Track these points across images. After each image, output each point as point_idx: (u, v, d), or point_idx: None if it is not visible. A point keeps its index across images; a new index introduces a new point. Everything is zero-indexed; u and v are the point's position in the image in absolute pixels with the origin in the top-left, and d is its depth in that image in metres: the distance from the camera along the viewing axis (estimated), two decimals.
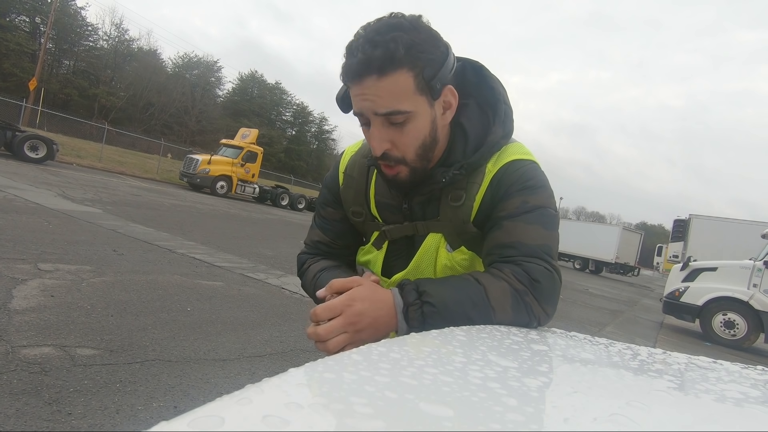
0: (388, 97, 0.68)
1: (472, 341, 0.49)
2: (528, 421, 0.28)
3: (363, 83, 0.68)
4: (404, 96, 0.68)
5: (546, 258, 0.71)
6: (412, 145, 0.72)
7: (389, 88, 0.67)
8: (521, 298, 0.66)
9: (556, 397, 0.36)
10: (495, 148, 0.77)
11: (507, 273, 0.68)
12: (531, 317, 0.67)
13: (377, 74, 0.66)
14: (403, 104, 0.68)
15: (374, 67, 0.66)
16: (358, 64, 0.67)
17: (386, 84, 0.67)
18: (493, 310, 0.65)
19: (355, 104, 0.71)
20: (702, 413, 0.37)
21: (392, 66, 0.66)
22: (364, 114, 0.71)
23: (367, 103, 0.69)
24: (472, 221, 0.77)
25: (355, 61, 0.67)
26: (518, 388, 0.34)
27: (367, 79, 0.67)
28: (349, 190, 0.89)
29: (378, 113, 0.69)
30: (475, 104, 0.80)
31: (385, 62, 0.66)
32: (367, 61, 0.66)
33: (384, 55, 0.65)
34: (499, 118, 0.78)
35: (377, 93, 0.67)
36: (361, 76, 0.67)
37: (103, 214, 6.68)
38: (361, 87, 0.68)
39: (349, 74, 0.69)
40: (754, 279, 6.76)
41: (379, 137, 0.70)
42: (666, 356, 0.55)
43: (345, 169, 0.90)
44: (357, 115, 0.72)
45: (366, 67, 0.66)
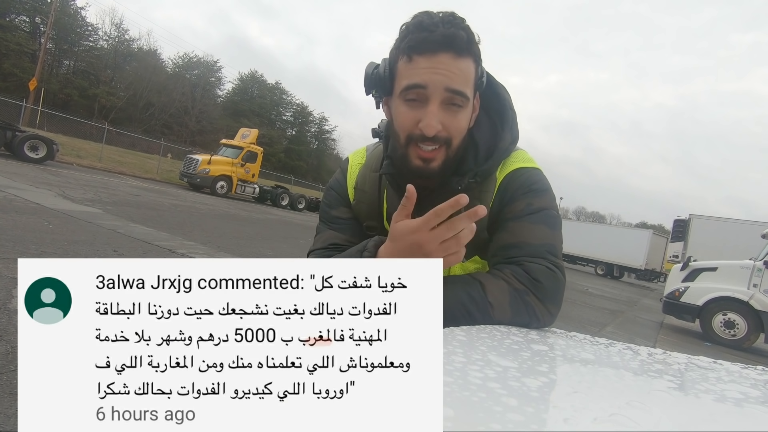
0: (461, 77, 0.68)
1: (472, 341, 0.49)
2: (528, 421, 0.28)
3: (438, 57, 0.67)
4: (469, 83, 0.70)
5: (549, 257, 0.71)
6: (460, 132, 0.71)
7: (463, 69, 0.68)
8: (521, 298, 0.66)
9: (556, 397, 0.36)
10: (505, 154, 0.78)
11: (506, 273, 0.69)
12: (532, 317, 0.67)
13: (455, 53, 0.67)
14: (467, 90, 0.69)
15: (455, 45, 0.67)
16: (439, 38, 0.67)
17: (461, 65, 0.68)
18: (491, 306, 0.64)
19: (420, 77, 0.68)
20: (702, 413, 0.37)
21: (468, 51, 0.68)
22: (428, 88, 0.68)
23: (440, 77, 0.67)
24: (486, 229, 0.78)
25: (432, 36, 0.67)
26: (518, 388, 0.34)
27: (443, 54, 0.67)
28: (362, 204, 0.87)
29: (449, 89, 0.68)
30: (483, 113, 0.80)
31: (464, 44, 0.68)
32: (450, 37, 0.67)
33: (465, 38, 0.68)
34: (507, 124, 0.79)
35: (452, 70, 0.67)
36: (436, 51, 0.67)
37: (103, 214, 6.68)
38: (435, 61, 0.67)
39: (422, 46, 0.68)
40: (754, 279, 6.76)
41: (437, 116, 0.69)
42: (666, 356, 0.55)
43: (356, 184, 0.88)
44: (413, 88, 0.69)
45: (448, 43, 0.67)
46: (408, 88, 0.69)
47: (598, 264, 22.84)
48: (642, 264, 20.91)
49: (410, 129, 0.70)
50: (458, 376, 0.35)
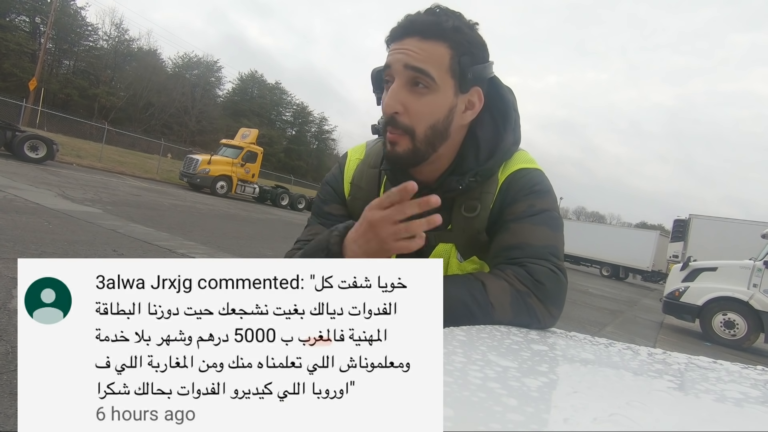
0: (424, 57, 0.68)
1: (472, 341, 0.49)
2: (528, 421, 0.28)
3: (403, 41, 0.69)
4: (437, 66, 0.69)
5: (551, 259, 0.71)
6: (424, 119, 0.70)
7: (428, 50, 0.68)
8: (522, 300, 0.66)
9: (556, 397, 0.36)
10: (507, 155, 0.78)
11: (508, 274, 0.68)
12: (533, 318, 0.66)
13: (420, 36, 0.68)
14: (432, 71, 0.69)
15: (418, 29, 0.68)
16: (404, 24, 0.69)
17: (426, 46, 0.68)
18: (491, 306, 0.64)
19: (387, 59, 0.71)
20: (702, 413, 0.37)
21: (435, 34, 0.68)
22: (392, 67, 0.70)
23: (400, 55, 0.69)
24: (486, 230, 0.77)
25: (402, 22, 0.70)
26: (518, 388, 0.34)
27: (408, 38, 0.69)
28: (357, 201, 0.86)
29: (408, 65, 0.68)
30: (487, 113, 0.80)
31: (429, 27, 0.68)
32: (414, 22, 0.69)
33: (431, 21, 0.68)
34: (510, 125, 0.79)
35: (414, 49, 0.68)
36: (403, 36, 0.69)
37: (103, 214, 6.68)
38: (401, 44, 0.69)
39: (393, 34, 0.70)
40: (754, 279, 6.76)
41: (396, 96, 0.69)
42: (666, 356, 0.55)
43: (352, 180, 0.87)
44: (384, 71, 0.72)
45: (411, 27, 0.69)
46: (382, 71, 0.72)
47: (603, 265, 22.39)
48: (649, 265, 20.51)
49: (383, 113, 0.72)
50: (458, 376, 0.35)
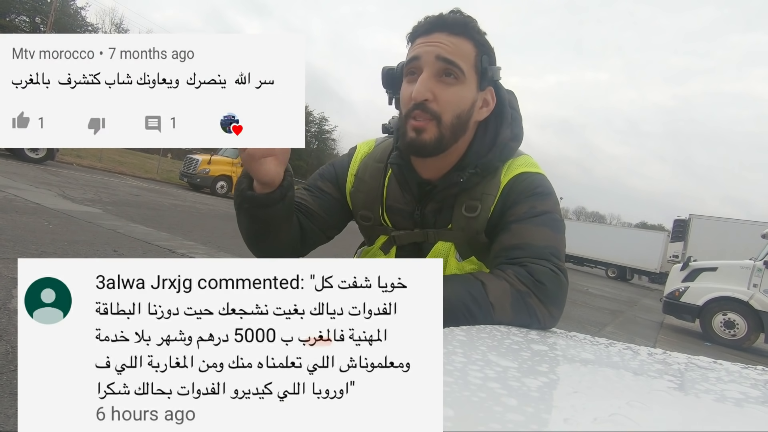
0: (454, 50, 0.72)
1: (472, 341, 0.49)
2: (528, 421, 0.28)
3: (432, 35, 0.72)
4: (465, 59, 0.73)
5: (552, 259, 0.71)
6: (451, 107, 0.73)
7: (457, 44, 0.72)
8: (523, 300, 0.66)
9: (556, 397, 0.36)
10: (506, 150, 0.79)
11: (509, 274, 0.68)
12: (533, 319, 0.66)
13: (449, 31, 0.72)
14: (462, 63, 0.72)
15: (448, 25, 0.72)
16: (433, 20, 0.73)
17: (455, 41, 0.72)
18: (492, 306, 0.64)
19: (415, 51, 0.73)
20: (702, 413, 0.37)
21: (463, 31, 0.73)
22: (421, 58, 0.72)
23: (431, 48, 0.71)
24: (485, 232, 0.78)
25: (429, 19, 0.73)
26: (518, 388, 0.34)
27: (437, 33, 0.72)
28: (359, 193, 0.87)
29: (440, 56, 0.71)
30: (491, 114, 0.81)
31: (458, 24, 0.72)
32: (443, 18, 0.73)
33: (459, 19, 0.73)
34: (506, 120, 0.80)
35: (444, 42, 0.72)
36: (431, 30, 0.73)
37: (103, 214, 6.68)
38: (429, 38, 0.72)
39: (419, 29, 0.74)
40: (754, 279, 6.76)
41: (427, 84, 0.72)
42: (666, 356, 0.55)
43: (357, 172, 0.88)
44: (410, 63, 0.74)
45: (440, 23, 0.73)
46: (407, 64, 0.75)
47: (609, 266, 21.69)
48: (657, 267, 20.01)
49: (407, 103, 0.74)
50: (458, 376, 0.35)
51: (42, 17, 32.74)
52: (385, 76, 0.81)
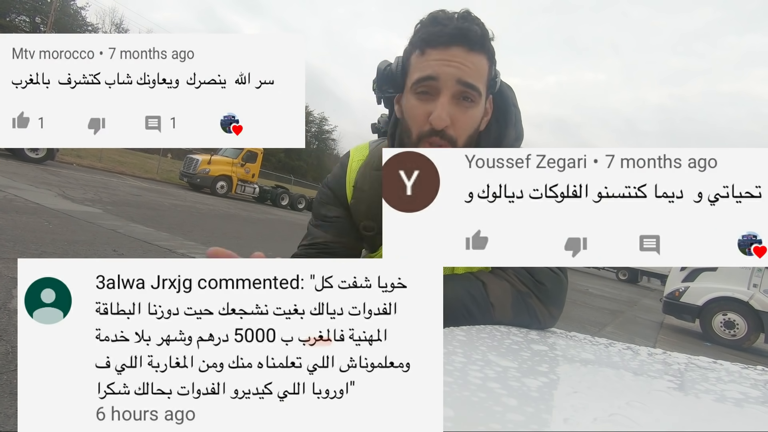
0: (474, 70, 0.67)
1: (472, 341, 0.49)
2: (528, 421, 0.28)
3: (450, 50, 0.67)
4: (482, 78, 0.69)
5: None
6: (467, 131, 0.70)
7: (476, 63, 0.67)
8: (524, 300, 0.66)
9: (556, 397, 0.36)
10: None
11: (509, 273, 0.68)
12: (533, 319, 0.66)
13: (468, 47, 0.67)
14: (480, 85, 0.68)
15: (468, 39, 0.66)
16: (452, 31, 0.66)
17: (474, 59, 0.67)
18: (492, 306, 0.64)
19: (431, 69, 0.67)
20: (702, 413, 0.37)
21: (482, 46, 0.68)
22: (439, 80, 0.67)
23: (453, 70, 0.66)
24: None
25: (446, 29, 0.67)
26: (518, 388, 0.34)
27: (456, 47, 0.66)
28: (360, 204, 0.85)
29: (461, 81, 0.66)
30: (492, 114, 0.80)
31: (478, 39, 0.67)
32: (464, 31, 0.66)
33: (479, 33, 0.67)
34: (511, 121, 0.79)
35: (465, 63, 0.66)
36: (449, 44, 0.66)
37: (103, 214, 6.68)
38: (448, 53, 0.66)
39: (435, 39, 0.67)
40: (754, 279, 6.76)
41: (447, 110, 0.67)
42: (666, 356, 0.55)
43: (355, 183, 0.86)
44: (424, 81, 0.68)
45: (461, 37, 0.66)
46: (419, 80, 0.68)
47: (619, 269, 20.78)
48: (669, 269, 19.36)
49: (421, 124, 0.69)
50: (458, 376, 0.35)
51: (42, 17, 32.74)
52: (384, 76, 0.75)
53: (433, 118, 0.67)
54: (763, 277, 6.69)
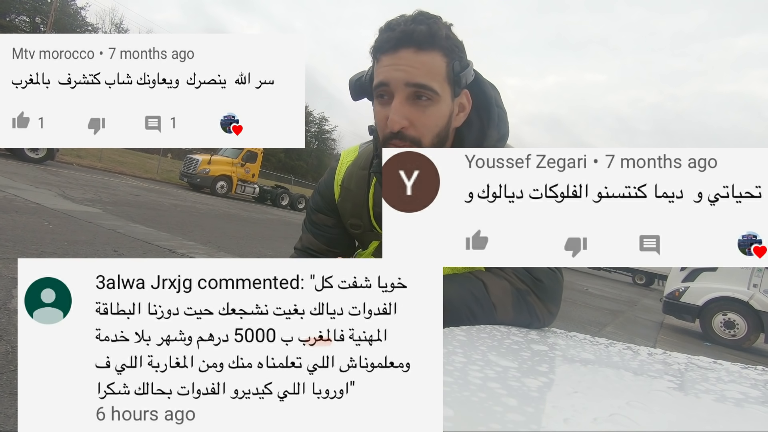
0: (424, 71, 0.67)
1: (472, 341, 0.49)
2: (528, 421, 0.28)
3: (398, 54, 0.67)
4: (436, 77, 0.68)
5: None
6: (430, 129, 0.70)
7: (426, 63, 0.67)
8: (523, 298, 0.66)
9: (556, 397, 0.36)
10: None
11: (508, 272, 0.68)
12: (533, 317, 0.66)
13: (416, 47, 0.66)
14: (434, 84, 0.68)
15: (414, 40, 0.66)
16: (398, 35, 0.66)
17: (423, 59, 0.67)
18: (494, 306, 0.64)
19: (383, 75, 0.68)
20: (702, 413, 0.37)
21: (432, 44, 0.67)
22: (390, 85, 0.67)
23: (400, 73, 0.67)
24: None
25: (394, 33, 0.67)
26: (518, 388, 0.34)
27: (404, 51, 0.66)
28: (347, 203, 0.87)
29: (410, 83, 0.66)
30: (474, 112, 0.79)
31: (426, 38, 0.66)
32: (409, 33, 0.66)
33: (427, 31, 0.66)
34: (493, 121, 0.78)
35: (413, 65, 0.67)
36: (397, 47, 0.67)
37: (103, 214, 6.68)
38: (396, 58, 0.67)
39: (384, 45, 0.68)
40: (754, 279, 6.76)
41: (401, 112, 0.67)
42: (666, 356, 0.55)
43: (342, 182, 0.88)
44: (379, 87, 0.69)
45: (407, 39, 0.66)
46: (376, 87, 0.70)
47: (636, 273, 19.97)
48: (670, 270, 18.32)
49: (383, 128, 0.70)
50: (458, 376, 0.35)
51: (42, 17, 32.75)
52: (354, 88, 0.76)
53: (389, 122, 0.68)
54: (763, 277, 6.69)
